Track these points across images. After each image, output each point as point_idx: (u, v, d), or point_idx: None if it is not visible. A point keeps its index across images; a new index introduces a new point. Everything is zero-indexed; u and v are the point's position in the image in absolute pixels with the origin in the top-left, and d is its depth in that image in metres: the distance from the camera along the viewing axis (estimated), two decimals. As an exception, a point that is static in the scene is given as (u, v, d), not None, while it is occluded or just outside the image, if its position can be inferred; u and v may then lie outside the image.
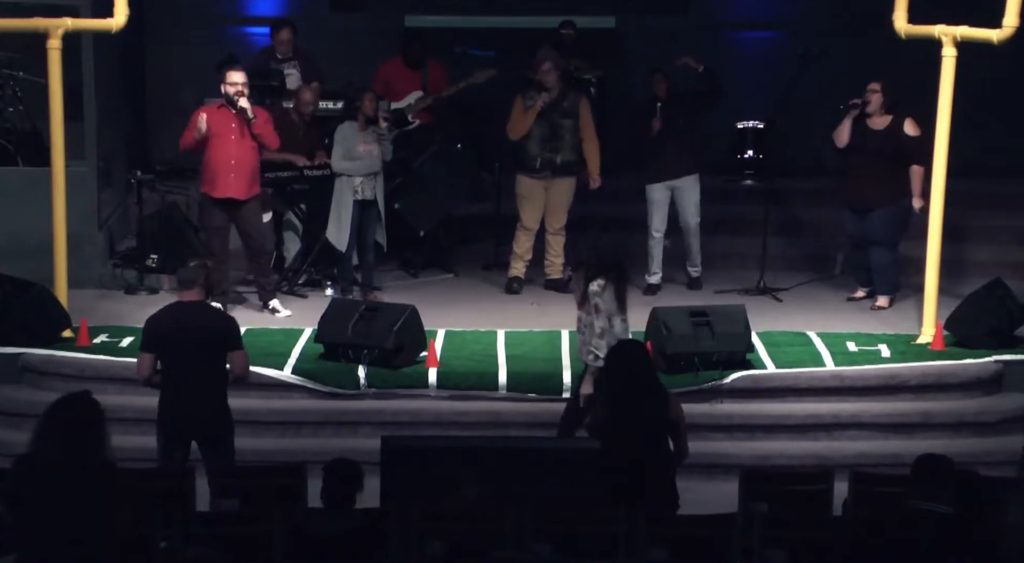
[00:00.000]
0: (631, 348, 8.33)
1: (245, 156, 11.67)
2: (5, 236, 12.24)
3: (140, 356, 8.81)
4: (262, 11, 15.34)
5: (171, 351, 8.67)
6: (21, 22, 11.30)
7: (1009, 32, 10.51)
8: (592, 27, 15.05)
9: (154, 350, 8.70)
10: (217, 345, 8.71)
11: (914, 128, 11.88)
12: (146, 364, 8.71)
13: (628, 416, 8.06)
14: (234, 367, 8.76)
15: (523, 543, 7.54)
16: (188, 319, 8.68)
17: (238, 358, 8.77)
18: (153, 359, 8.69)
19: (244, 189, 11.68)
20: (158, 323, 8.77)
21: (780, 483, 8.50)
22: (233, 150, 11.64)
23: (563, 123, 12.56)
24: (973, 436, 10.41)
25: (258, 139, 11.67)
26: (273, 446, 10.21)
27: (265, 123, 11.73)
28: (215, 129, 11.61)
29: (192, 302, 8.74)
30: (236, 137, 11.64)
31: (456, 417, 10.38)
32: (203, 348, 8.66)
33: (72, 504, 6.37)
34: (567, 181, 12.66)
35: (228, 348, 8.73)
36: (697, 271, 12.91)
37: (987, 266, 12.70)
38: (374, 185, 12.22)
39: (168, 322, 8.73)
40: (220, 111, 11.70)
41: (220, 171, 11.65)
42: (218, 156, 11.64)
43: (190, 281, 8.75)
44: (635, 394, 8.11)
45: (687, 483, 9.60)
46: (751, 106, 14.48)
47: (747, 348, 10.77)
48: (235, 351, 8.76)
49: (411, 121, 13.62)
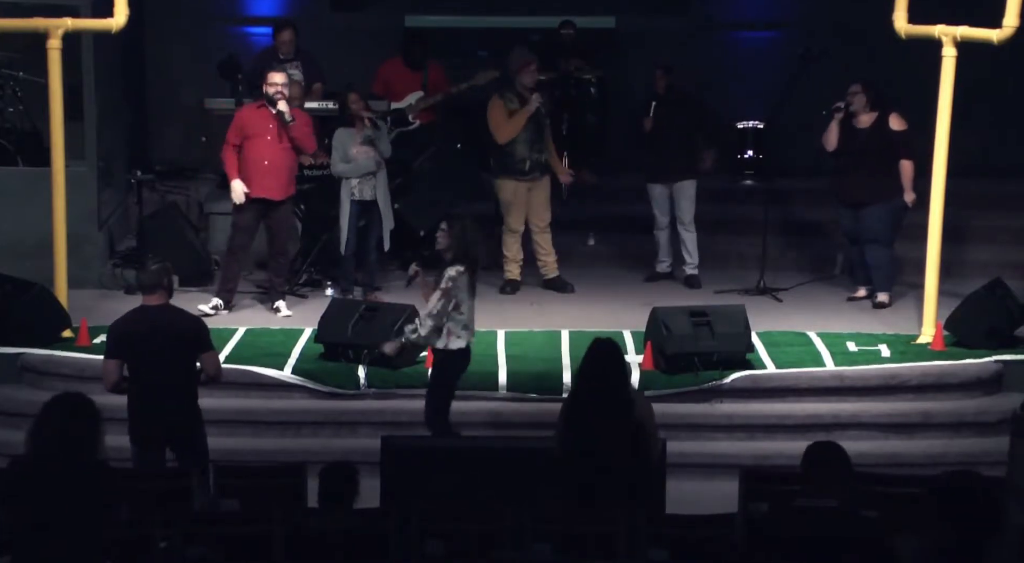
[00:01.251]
0: (606, 347, 8.24)
1: (280, 157, 11.76)
2: (5, 236, 12.25)
3: (106, 363, 8.56)
4: (262, 11, 15.35)
5: (139, 356, 8.47)
6: (21, 22, 11.30)
7: (1009, 32, 10.51)
8: (592, 27, 15.06)
9: (120, 356, 8.49)
10: (187, 348, 8.53)
11: (899, 122, 11.94)
12: (113, 370, 8.49)
13: (593, 416, 7.97)
14: (206, 369, 8.59)
15: (523, 543, 7.53)
16: (155, 323, 8.47)
17: (209, 359, 8.60)
18: (120, 365, 8.48)
19: (279, 190, 11.77)
20: (124, 328, 8.57)
21: (780, 483, 8.49)
22: (268, 151, 11.71)
23: (543, 122, 12.60)
24: (973, 436, 10.41)
25: (295, 142, 11.75)
26: (273, 446, 10.21)
27: (303, 126, 11.82)
28: (252, 130, 11.71)
29: (158, 305, 8.54)
30: (272, 138, 11.73)
31: (456, 417, 10.36)
32: (173, 351, 8.47)
33: (67, 504, 6.37)
34: (547, 179, 12.71)
35: (199, 350, 8.56)
36: (694, 268, 12.93)
37: (987, 266, 12.71)
38: (373, 185, 12.21)
39: (134, 326, 8.52)
40: (259, 111, 11.78)
41: (255, 171, 11.69)
42: (253, 156, 11.71)
43: (153, 285, 8.54)
44: (602, 394, 8.03)
45: (687, 483, 9.63)
46: (751, 106, 14.49)
47: (747, 348, 10.77)
48: (206, 352, 8.58)
49: (411, 121, 13.62)
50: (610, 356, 8.08)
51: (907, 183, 11.92)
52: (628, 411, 7.96)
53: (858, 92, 12.03)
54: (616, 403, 7.96)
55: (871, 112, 12.03)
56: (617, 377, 8.08)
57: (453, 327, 9.37)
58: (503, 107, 12.48)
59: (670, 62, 12.96)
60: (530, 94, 12.49)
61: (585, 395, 8.04)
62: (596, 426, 7.91)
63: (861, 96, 12.02)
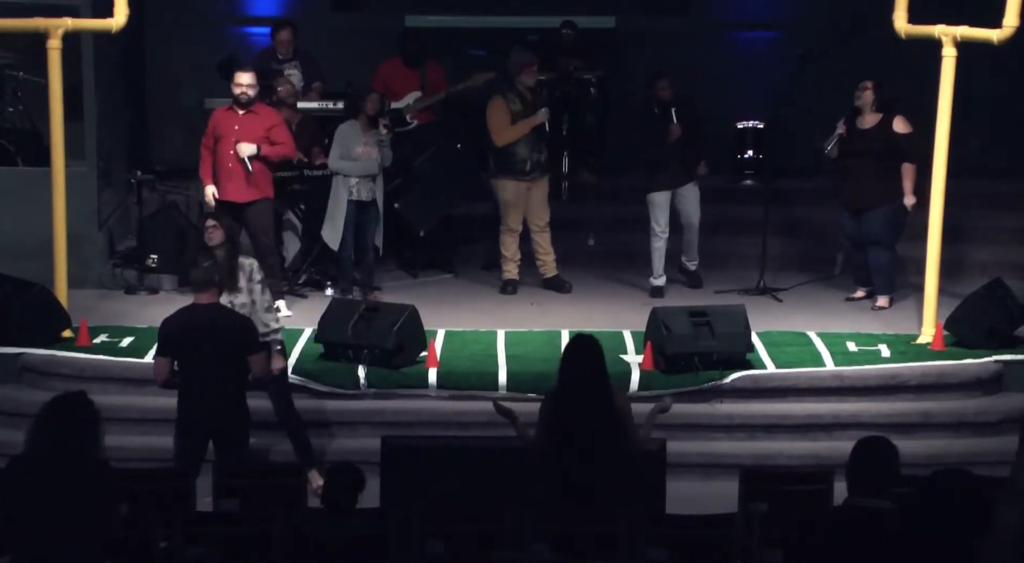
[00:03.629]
0: (587, 344, 8.25)
1: None
2: (5, 236, 12.25)
3: (156, 360, 8.78)
4: (262, 11, 15.35)
5: (187, 355, 8.63)
6: (21, 22, 11.30)
7: (1009, 32, 10.51)
8: (592, 27, 15.05)
9: (170, 354, 8.67)
10: (234, 349, 8.65)
11: (904, 125, 11.91)
12: (163, 368, 8.69)
13: (574, 412, 7.97)
14: (254, 369, 8.72)
15: (523, 543, 7.54)
16: (204, 323, 8.61)
17: (257, 360, 8.73)
18: (169, 363, 8.66)
19: (242, 192, 11.69)
20: (173, 327, 8.72)
21: (780, 483, 8.50)
22: (231, 152, 11.65)
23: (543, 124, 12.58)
24: (973, 436, 10.42)
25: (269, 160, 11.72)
26: (273, 446, 10.20)
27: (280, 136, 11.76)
28: (220, 131, 11.69)
29: (207, 305, 8.67)
30: (237, 140, 11.65)
31: (456, 417, 10.38)
32: (220, 352, 8.60)
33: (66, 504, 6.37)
34: (546, 179, 12.69)
35: (246, 352, 8.68)
36: (695, 264, 12.90)
37: (987, 266, 12.73)
38: (372, 187, 12.21)
39: (183, 326, 8.67)
40: (227, 113, 11.74)
41: (221, 174, 11.70)
42: (221, 158, 11.71)
43: (204, 282, 8.68)
44: (583, 390, 8.02)
45: (687, 483, 9.64)
46: (751, 106, 14.49)
47: (747, 348, 10.77)
48: (253, 355, 8.72)
49: (409, 121, 13.62)
50: (586, 352, 8.07)
51: (908, 187, 11.90)
52: (607, 406, 7.94)
53: (867, 88, 11.99)
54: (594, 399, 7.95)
55: (876, 113, 12.00)
56: (594, 373, 8.05)
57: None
58: (505, 108, 12.45)
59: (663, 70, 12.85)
60: (531, 94, 12.48)
61: (564, 392, 8.03)
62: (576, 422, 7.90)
63: (870, 93, 11.98)
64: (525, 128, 12.41)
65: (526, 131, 12.41)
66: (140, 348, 10.85)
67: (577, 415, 7.90)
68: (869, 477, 6.61)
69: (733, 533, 7.60)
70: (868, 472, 6.66)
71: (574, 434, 7.88)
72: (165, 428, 9.69)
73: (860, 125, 12.06)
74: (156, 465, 8.81)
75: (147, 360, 10.54)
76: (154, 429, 10.10)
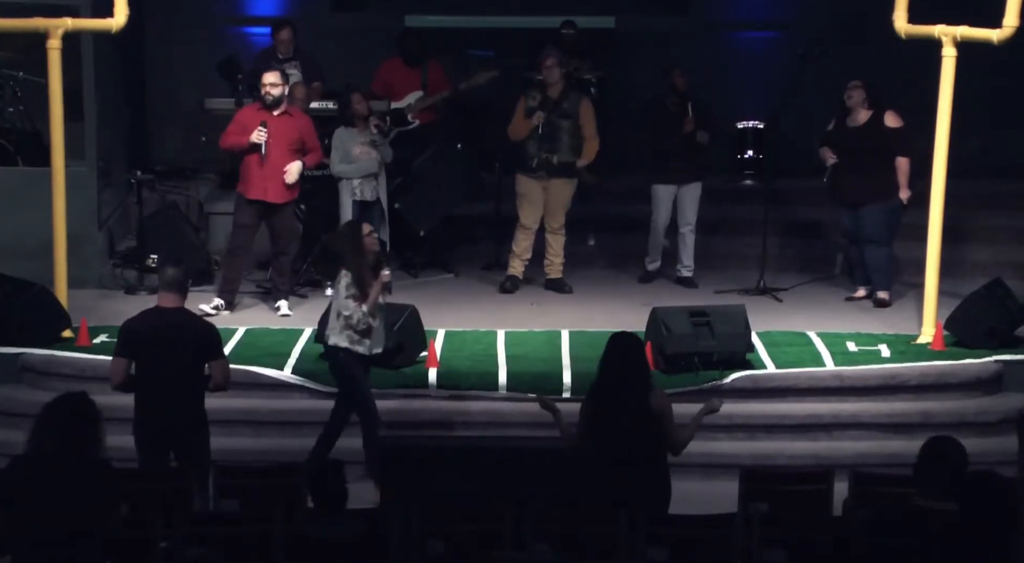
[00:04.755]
0: (630, 341, 8.27)
1: (277, 161, 11.70)
2: (5, 236, 12.24)
3: (114, 360, 8.55)
4: (262, 11, 15.35)
5: (148, 357, 8.44)
6: (21, 22, 11.30)
7: (1009, 32, 10.51)
8: (592, 27, 15.04)
9: (129, 355, 8.46)
10: (197, 353, 8.49)
11: (895, 120, 11.95)
12: (120, 369, 8.47)
13: (613, 409, 8.00)
14: (215, 377, 8.53)
15: (523, 543, 7.54)
16: (167, 325, 8.44)
17: (218, 367, 8.53)
18: (127, 364, 8.45)
19: (278, 193, 11.77)
20: (135, 327, 8.53)
21: (780, 483, 8.50)
22: (270, 155, 11.66)
23: (562, 124, 12.54)
24: (973, 436, 10.37)
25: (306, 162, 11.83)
26: (273, 446, 10.20)
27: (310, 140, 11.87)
28: (251, 131, 11.66)
29: (172, 308, 8.50)
30: (272, 140, 11.67)
31: (456, 417, 10.38)
32: (182, 356, 8.43)
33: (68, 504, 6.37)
34: (565, 181, 12.66)
35: (208, 356, 8.51)
36: (690, 270, 12.93)
37: (987, 266, 12.72)
38: (374, 186, 12.23)
39: (146, 326, 8.49)
40: (258, 113, 11.74)
41: (252, 173, 11.68)
42: (251, 157, 11.69)
43: (176, 283, 8.50)
44: (624, 388, 8.04)
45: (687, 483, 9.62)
46: (751, 106, 14.48)
47: (747, 348, 10.78)
48: (215, 360, 8.52)
49: (411, 121, 13.61)
50: (626, 349, 8.10)
51: (903, 180, 11.93)
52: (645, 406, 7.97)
53: (858, 86, 12.04)
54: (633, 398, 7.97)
55: (867, 110, 12.04)
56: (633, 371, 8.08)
57: None
58: (522, 104, 12.59)
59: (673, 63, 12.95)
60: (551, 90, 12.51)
61: (604, 390, 8.05)
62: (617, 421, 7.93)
63: (860, 91, 12.03)
64: (528, 125, 12.47)
65: (529, 127, 12.47)
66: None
67: (615, 415, 7.92)
68: (935, 477, 6.61)
69: (733, 533, 7.59)
70: (934, 472, 6.66)
71: (612, 434, 7.90)
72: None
73: (851, 123, 12.08)
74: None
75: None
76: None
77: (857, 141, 12.00)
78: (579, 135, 12.60)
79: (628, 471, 7.89)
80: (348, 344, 9.56)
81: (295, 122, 11.85)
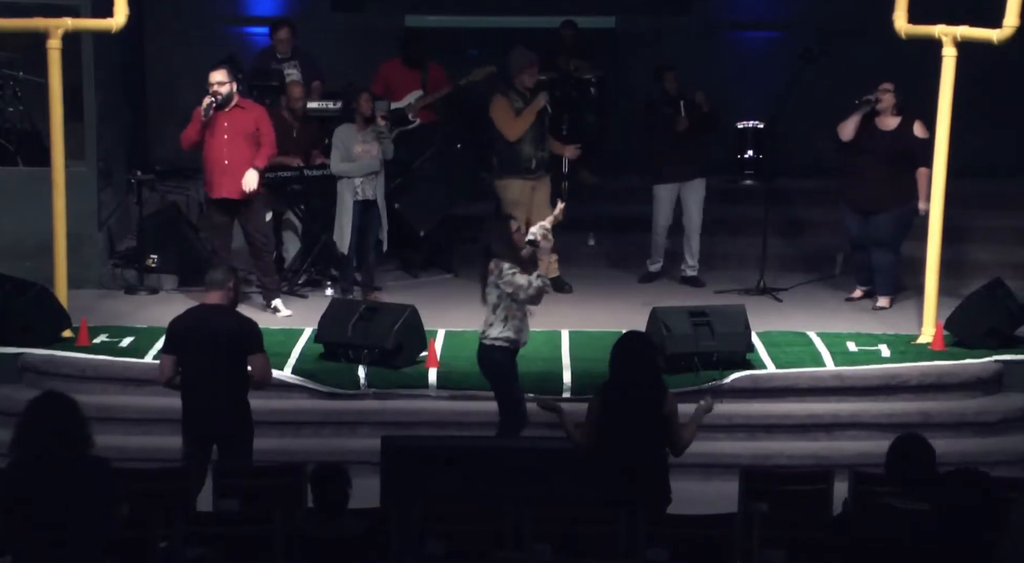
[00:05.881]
0: (641, 341, 8.27)
1: (239, 156, 11.62)
2: (5, 236, 12.25)
3: (161, 358, 8.82)
4: (262, 11, 15.35)
5: (190, 353, 8.64)
6: (21, 22, 11.30)
7: (1009, 32, 10.51)
8: (592, 27, 15.06)
9: (174, 352, 8.68)
10: (235, 349, 8.65)
11: (923, 131, 11.83)
12: (167, 366, 8.71)
13: (623, 409, 7.98)
14: (253, 371, 8.69)
15: (523, 543, 7.54)
16: (208, 322, 8.65)
17: (257, 362, 8.70)
18: (174, 361, 8.67)
19: (238, 190, 11.64)
20: (179, 325, 8.76)
21: (780, 483, 8.50)
22: (225, 150, 11.61)
23: (544, 121, 12.59)
24: (973, 436, 10.42)
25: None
26: (273, 446, 10.18)
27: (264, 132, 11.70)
28: (209, 128, 11.59)
29: (214, 305, 8.71)
30: (229, 137, 11.61)
31: (456, 417, 10.38)
32: (221, 351, 8.60)
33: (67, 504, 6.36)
34: (548, 178, 12.68)
35: (247, 352, 8.67)
36: (695, 269, 12.94)
37: (987, 266, 12.72)
38: (375, 185, 12.21)
39: (188, 324, 8.71)
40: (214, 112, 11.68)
41: (215, 171, 11.65)
42: (212, 156, 11.64)
43: (217, 283, 8.73)
44: (634, 387, 8.04)
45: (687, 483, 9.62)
46: (751, 106, 14.49)
47: (747, 348, 10.78)
48: (254, 355, 8.69)
49: (411, 121, 13.61)
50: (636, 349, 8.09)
51: (923, 191, 11.73)
52: (656, 408, 7.95)
53: (890, 90, 11.97)
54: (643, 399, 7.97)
55: (896, 116, 11.98)
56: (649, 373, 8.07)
57: None
58: (509, 106, 12.41)
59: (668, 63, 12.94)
60: (531, 94, 12.48)
61: (613, 390, 8.03)
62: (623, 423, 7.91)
63: (891, 96, 11.96)
64: (531, 115, 12.38)
65: (532, 118, 12.39)
66: (140, 348, 10.86)
67: (625, 416, 7.90)
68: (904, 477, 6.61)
69: (733, 533, 7.60)
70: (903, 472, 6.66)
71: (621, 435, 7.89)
72: (165, 428, 9.71)
73: (879, 126, 12.02)
74: (156, 465, 8.80)
75: (147, 360, 10.57)
76: (154, 429, 10.10)
77: (885, 145, 11.93)
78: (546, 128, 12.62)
79: (634, 473, 7.88)
80: (514, 334, 9.42)
81: (248, 114, 11.71)
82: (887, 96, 11.96)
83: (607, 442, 7.90)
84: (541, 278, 9.36)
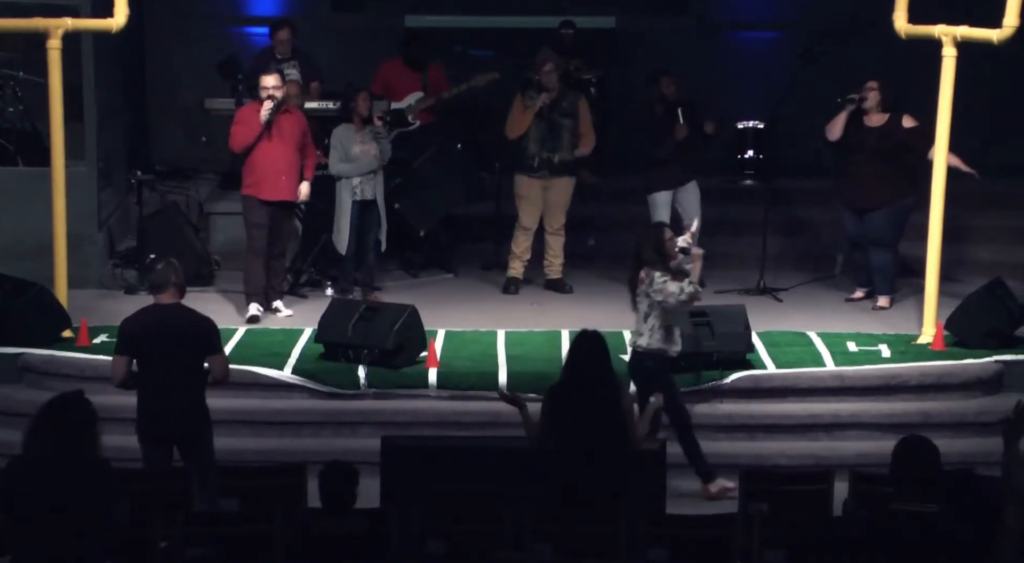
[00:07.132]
0: (591, 339, 8.29)
1: (293, 159, 11.71)
2: (5, 236, 12.25)
3: (115, 359, 8.61)
4: (262, 11, 15.34)
5: (147, 354, 8.49)
6: (21, 22, 11.30)
7: (1009, 32, 10.51)
8: (592, 27, 15.04)
9: (129, 352, 8.52)
10: (195, 348, 8.53)
11: (912, 120, 11.88)
12: (121, 367, 8.53)
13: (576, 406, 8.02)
14: (213, 371, 8.58)
15: (523, 543, 7.54)
16: (165, 321, 8.50)
17: (216, 362, 8.57)
18: (128, 361, 8.51)
19: (293, 191, 11.77)
20: (133, 325, 8.58)
21: (780, 483, 8.51)
22: (280, 152, 11.64)
23: (562, 123, 12.56)
24: (973, 436, 10.41)
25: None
26: (273, 446, 10.21)
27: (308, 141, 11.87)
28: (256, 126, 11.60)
29: (168, 305, 8.55)
30: (283, 140, 11.65)
31: (456, 417, 10.38)
32: (180, 351, 8.48)
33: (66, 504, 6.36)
34: (565, 181, 12.67)
35: (207, 351, 8.55)
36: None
37: (987, 266, 12.71)
38: (373, 185, 12.21)
39: (144, 324, 8.54)
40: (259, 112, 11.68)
41: (270, 173, 11.63)
42: (267, 159, 11.61)
43: (162, 283, 8.56)
44: (585, 386, 8.07)
45: (687, 483, 9.65)
46: (751, 106, 14.48)
47: (747, 348, 10.78)
48: (213, 355, 8.57)
49: (411, 121, 13.61)
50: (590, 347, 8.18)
51: (957, 163, 11.51)
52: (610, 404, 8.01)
53: (874, 89, 11.98)
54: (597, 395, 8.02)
55: (882, 113, 11.99)
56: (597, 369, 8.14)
57: None
58: (520, 104, 12.58)
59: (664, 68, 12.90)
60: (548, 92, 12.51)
61: (565, 386, 8.13)
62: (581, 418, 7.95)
63: (876, 93, 11.97)
64: (527, 116, 12.45)
65: (528, 119, 12.44)
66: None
67: (578, 412, 7.94)
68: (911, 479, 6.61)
69: (733, 533, 7.60)
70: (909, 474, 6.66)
71: (574, 431, 7.92)
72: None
73: (867, 123, 12.03)
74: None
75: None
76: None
77: (876, 142, 11.95)
78: (578, 133, 12.62)
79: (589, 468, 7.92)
80: (663, 344, 9.49)
81: (296, 118, 11.84)
82: (872, 94, 11.99)
83: (559, 438, 7.99)
84: (693, 285, 9.47)
